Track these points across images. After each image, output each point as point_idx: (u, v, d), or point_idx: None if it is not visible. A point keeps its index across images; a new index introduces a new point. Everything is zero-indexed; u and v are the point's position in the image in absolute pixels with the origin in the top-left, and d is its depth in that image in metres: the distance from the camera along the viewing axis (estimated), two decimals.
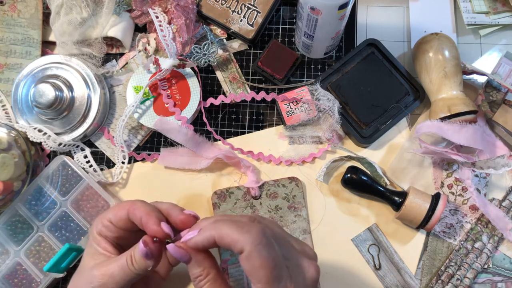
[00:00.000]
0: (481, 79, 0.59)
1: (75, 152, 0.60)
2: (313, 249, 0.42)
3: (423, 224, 0.52)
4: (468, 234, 0.56)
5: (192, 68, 0.60)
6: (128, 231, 0.43)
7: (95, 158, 0.61)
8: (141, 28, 0.63)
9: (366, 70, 0.58)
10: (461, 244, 0.55)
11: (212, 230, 0.36)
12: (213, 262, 0.39)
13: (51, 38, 0.63)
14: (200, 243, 0.37)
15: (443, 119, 0.53)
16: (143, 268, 0.40)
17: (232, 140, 0.60)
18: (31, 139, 0.57)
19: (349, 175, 0.55)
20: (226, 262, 0.55)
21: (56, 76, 0.59)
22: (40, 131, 0.58)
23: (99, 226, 0.43)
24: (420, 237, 0.56)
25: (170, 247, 0.38)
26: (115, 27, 0.60)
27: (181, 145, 0.58)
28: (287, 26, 0.63)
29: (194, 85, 0.59)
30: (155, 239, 0.39)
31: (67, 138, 0.59)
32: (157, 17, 0.58)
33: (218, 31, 0.62)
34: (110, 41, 0.63)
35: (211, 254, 0.39)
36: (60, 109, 0.58)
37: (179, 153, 0.59)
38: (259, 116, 0.61)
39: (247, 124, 0.61)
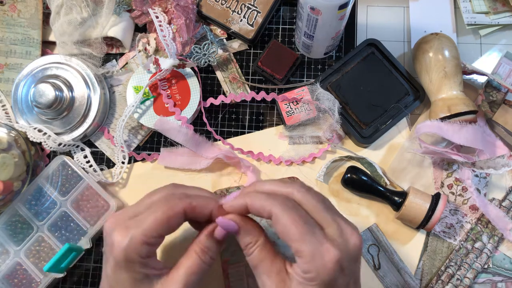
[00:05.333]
0: (481, 79, 0.59)
1: (75, 152, 0.60)
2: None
3: (423, 224, 0.52)
4: (468, 234, 0.56)
5: (192, 68, 0.60)
6: None
7: (95, 158, 0.61)
8: (141, 28, 0.63)
9: (366, 70, 0.58)
10: (461, 244, 0.55)
11: (246, 198, 0.40)
12: (261, 229, 0.41)
13: (51, 38, 0.63)
14: (235, 206, 0.40)
15: (443, 119, 0.53)
16: (218, 253, 0.42)
17: (232, 140, 0.60)
18: (31, 139, 0.57)
19: (349, 175, 0.55)
20: (226, 263, 0.55)
21: (56, 76, 0.59)
22: (40, 131, 0.58)
23: (143, 249, 0.38)
24: (420, 237, 0.56)
25: (219, 220, 0.40)
26: (115, 27, 0.60)
27: (181, 145, 0.58)
28: (287, 26, 0.63)
29: (194, 85, 0.59)
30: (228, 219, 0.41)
31: (67, 138, 0.59)
32: (157, 17, 0.58)
33: (218, 31, 0.62)
34: (110, 41, 0.63)
35: (258, 224, 0.42)
36: (60, 109, 0.58)
37: (179, 153, 0.59)
38: (259, 116, 0.61)
39: (247, 124, 0.61)
